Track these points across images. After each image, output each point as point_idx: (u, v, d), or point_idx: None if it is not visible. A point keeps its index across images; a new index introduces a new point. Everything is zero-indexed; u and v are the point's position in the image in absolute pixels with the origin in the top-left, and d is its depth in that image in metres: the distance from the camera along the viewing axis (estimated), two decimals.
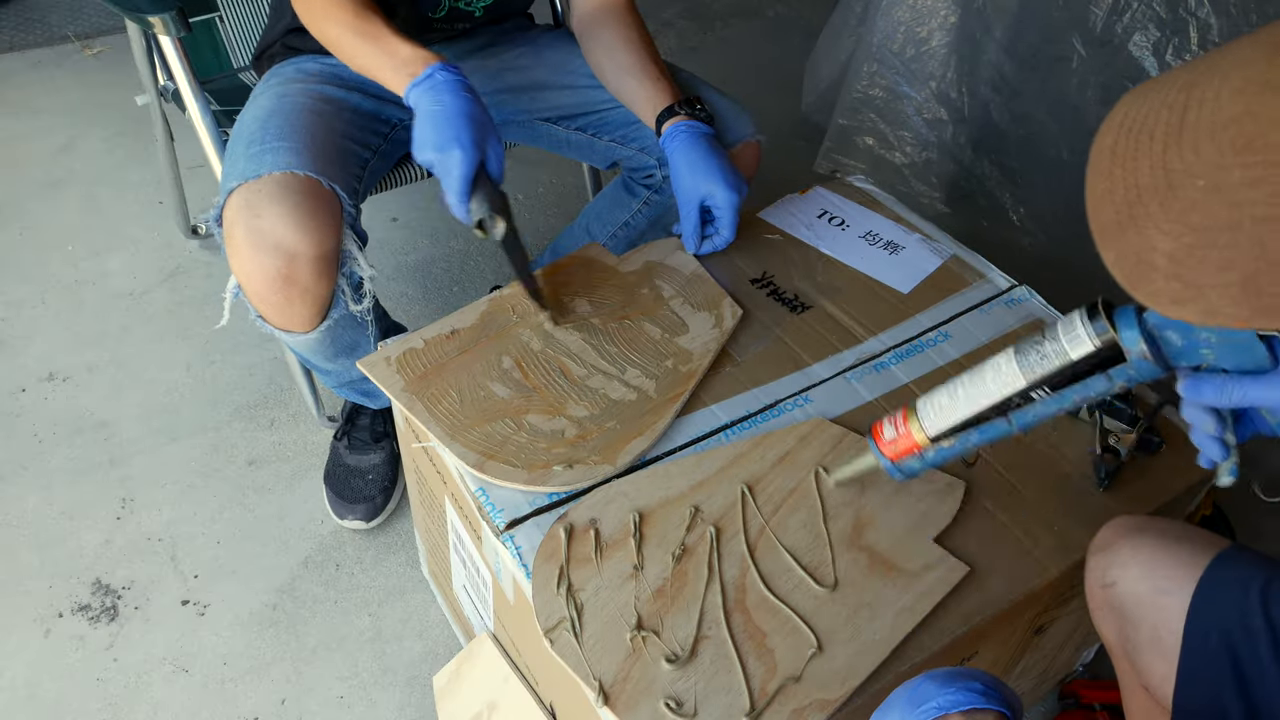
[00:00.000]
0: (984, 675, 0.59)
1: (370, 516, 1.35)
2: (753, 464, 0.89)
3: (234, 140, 1.08)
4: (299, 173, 0.99)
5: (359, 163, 1.14)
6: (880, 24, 1.83)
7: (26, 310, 1.66)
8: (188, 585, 1.29)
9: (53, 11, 2.41)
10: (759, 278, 1.11)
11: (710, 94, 1.22)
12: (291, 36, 1.23)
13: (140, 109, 1.50)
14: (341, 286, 1.05)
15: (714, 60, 2.41)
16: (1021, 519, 0.88)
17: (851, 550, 0.83)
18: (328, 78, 1.17)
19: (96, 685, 1.19)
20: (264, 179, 0.97)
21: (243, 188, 0.98)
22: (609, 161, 1.33)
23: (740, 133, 1.19)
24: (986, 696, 0.57)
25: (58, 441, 1.46)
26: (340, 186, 1.02)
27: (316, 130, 1.06)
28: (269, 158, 1.00)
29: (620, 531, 0.83)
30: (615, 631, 0.76)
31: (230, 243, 0.99)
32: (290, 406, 1.52)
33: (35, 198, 1.89)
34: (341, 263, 1.04)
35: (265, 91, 1.13)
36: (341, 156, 1.09)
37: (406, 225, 1.88)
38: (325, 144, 1.06)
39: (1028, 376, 0.70)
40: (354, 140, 1.13)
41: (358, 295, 1.08)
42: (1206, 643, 0.68)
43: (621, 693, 0.73)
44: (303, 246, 0.97)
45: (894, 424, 0.79)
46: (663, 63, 1.18)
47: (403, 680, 1.21)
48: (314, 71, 1.18)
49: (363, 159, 1.15)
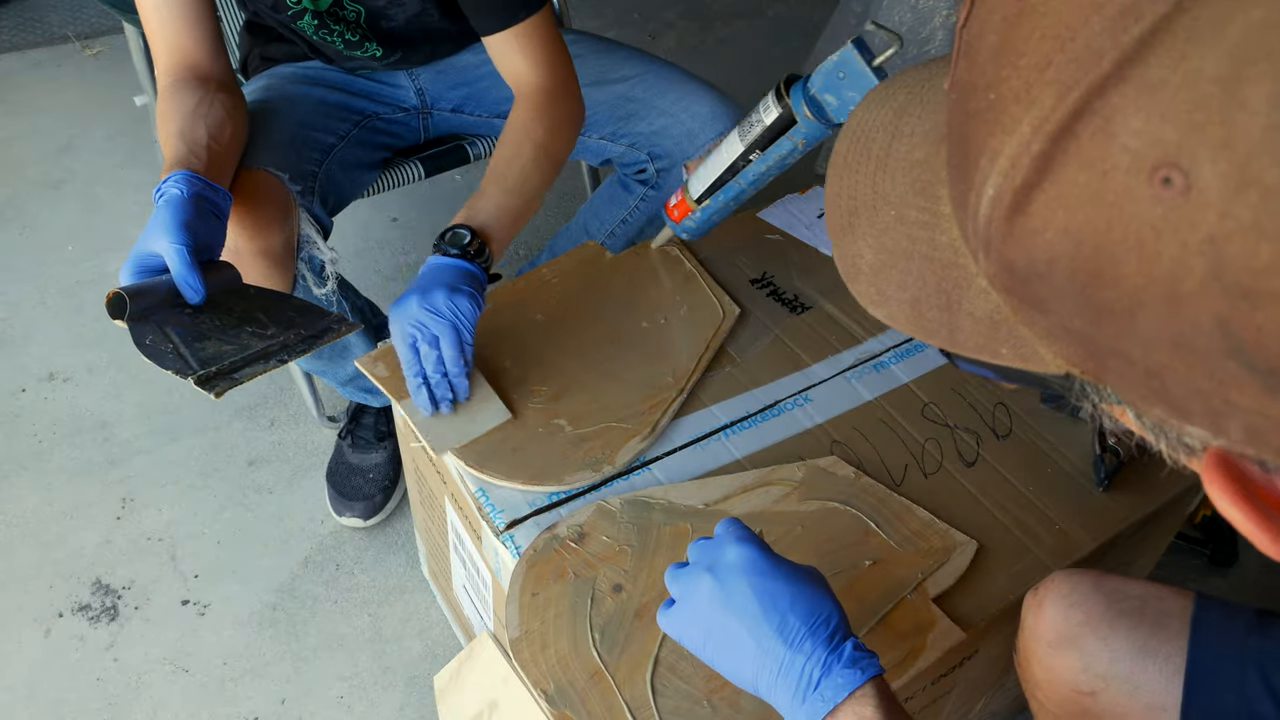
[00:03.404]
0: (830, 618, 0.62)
1: (369, 515, 1.35)
2: (756, 499, 0.87)
3: None
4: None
5: (320, 147, 1.14)
6: None
7: (26, 310, 1.66)
8: (188, 585, 1.29)
9: (53, 11, 2.41)
10: (759, 278, 1.11)
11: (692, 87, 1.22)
12: (268, 47, 1.24)
13: (140, 109, 1.50)
14: (301, 272, 1.05)
15: (714, 60, 2.41)
16: (1022, 519, 0.88)
17: (848, 601, 0.81)
18: (294, 79, 1.19)
19: (96, 685, 1.19)
20: None
21: None
22: (600, 159, 1.33)
23: (722, 125, 1.20)
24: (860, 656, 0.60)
25: (58, 441, 1.46)
26: (289, 173, 1.03)
27: (264, 123, 1.08)
28: None
29: (606, 550, 0.83)
30: (584, 649, 0.76)
31: None
32: (290, 406, 1.52)
33: (35, 198, 1.89)
34: (300, 248, 1.04)
35: None
36: (294, 144, 1.09)
37: (406, 225, 1.88)
38: (274, 134, 1.07)
39: (744, 141, 0.91)
40: (314, 128, 1.14)
41: (320, 279, 1.08)
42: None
43: (581, 713, 0.72)
44: (243, 243, 0.98)
45: (676, 194, 1.02)
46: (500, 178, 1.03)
47: (403, 680, 1.21)
48: (285, 74, 1.21)
49: (325, 144, 1.15)
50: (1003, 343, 0.34)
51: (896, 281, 0.37)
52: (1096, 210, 0.26)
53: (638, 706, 0.73)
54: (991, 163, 0.29)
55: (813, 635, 0.61)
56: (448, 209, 1.92)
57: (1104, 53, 0.25)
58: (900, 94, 0.40)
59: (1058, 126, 0.26)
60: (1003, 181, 0.28)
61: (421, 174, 1.31)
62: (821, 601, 0.63)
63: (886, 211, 0.37)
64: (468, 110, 1.31)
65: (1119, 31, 0.25)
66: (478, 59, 1.28)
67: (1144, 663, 0.69)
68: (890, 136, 0.38)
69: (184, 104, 0.97)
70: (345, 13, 1.13)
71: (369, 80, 1.25)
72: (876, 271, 0.38)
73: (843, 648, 0.61)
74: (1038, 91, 0.27)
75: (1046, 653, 0.73)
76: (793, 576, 0.64)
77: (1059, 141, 0.26)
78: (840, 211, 0.40)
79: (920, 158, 0.37)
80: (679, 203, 1.01)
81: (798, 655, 0.60)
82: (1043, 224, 0.28)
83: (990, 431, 0.95)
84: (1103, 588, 0.72)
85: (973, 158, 0.30)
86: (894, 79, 0.41)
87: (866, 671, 0.59)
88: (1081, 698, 0.71)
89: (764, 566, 0.64)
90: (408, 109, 1.28)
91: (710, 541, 0.68)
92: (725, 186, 0.95)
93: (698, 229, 1.02)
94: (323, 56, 1.21)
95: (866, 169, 0.39)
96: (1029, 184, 0.28)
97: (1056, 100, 0.26)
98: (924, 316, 0.36)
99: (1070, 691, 0.72)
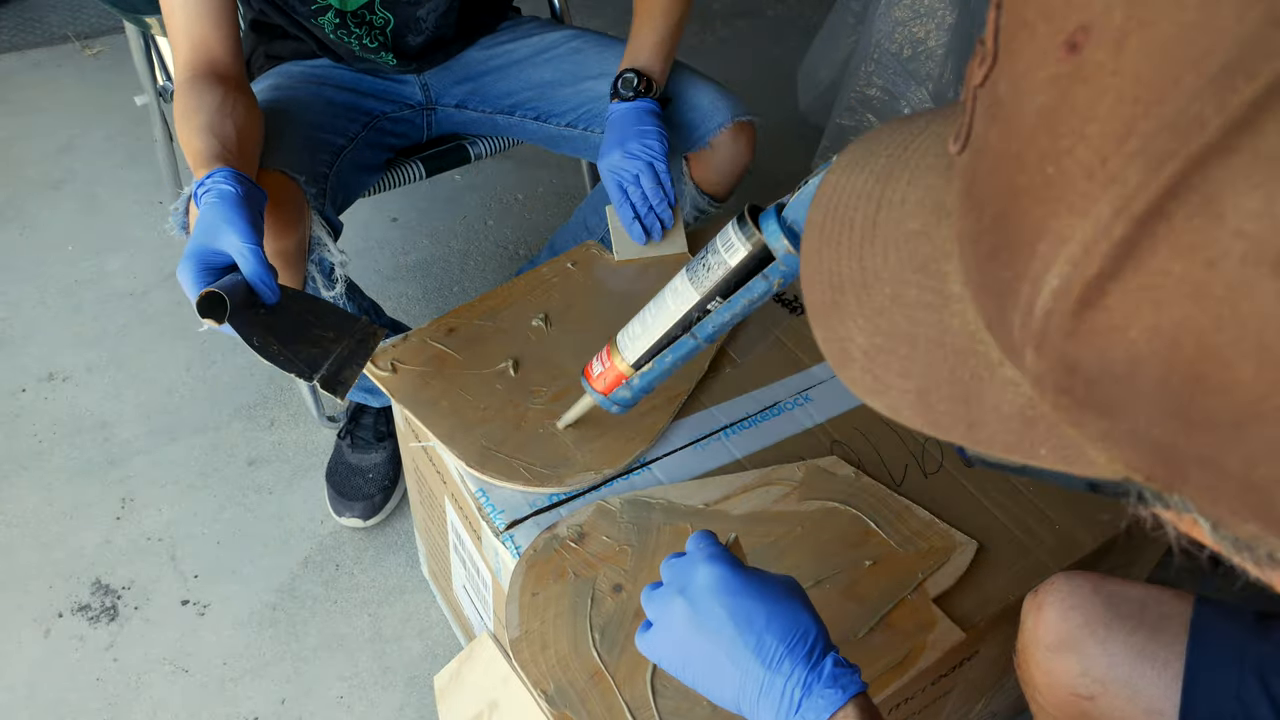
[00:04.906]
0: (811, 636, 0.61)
1: (369, 515, 1.35)
2: (756, 499, 0.87)
3: None
4: None
5: (331, 149, 1.14)
6: (878, 24, 1.83)
7: (26, 310, 1.66)
8: (188, 585, 1.30)
9: (53, 11, 2.41)
10: None
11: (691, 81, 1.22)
12: (273, 45, 1.24)
13: (140, 109, 1.50)
14: (312, 274, 1.06)
15: (714, 60, 2.41)
16: (1022, 519, 0.88)
17: (848, 602, 0.81)
18: (304, 79, 1.19)
19: (96, 685, 1.19)
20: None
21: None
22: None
23: (722, 118, 1.20)
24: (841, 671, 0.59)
25: (58, 441, 1.46)
26: (304, 175, 1.03)
27: (277, 125, 1.08)
28: None
29: (606, 550, 0.83)
30: (584, 649, 0.76)
31: None
32: (290, 406, 1.52)
33: (35, 198, 1.89)
34: (311, 250, 1.05)
35: None
36: (307, 146, 1.09)
37: (406, 225, 1.88)
38: (287, 136, 1.07)
39: (700, 290, 0.73)
40: (325, 130, 1.14)
41: (329, 281, 1.09)
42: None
43: (581, 713, 0.72)
44: None
45: (600, 360, 0.82)
46: (667, 23, 1.15)
47: (403, 680, 1.21)
48: (294, 74, 1.20)
49: (336, 146, 1.15)
50: (1041, 443, 0.29)
51: (897, 369, 0.33)
52: (1200, 307, 0.22)
53: (638, 707, 0.73)
54: (1056, 249, 0.25)
55: (791, 654, 0.59)
56: (448, 209, 1.92)
57: (1206, 119, 0.21)
58: (880, 157, 0.36)
59: (1146, 207, 0.23)
60: (1072, 271, 0.24)
61: (422, 174, 1.31)
62: (798, 616, 0.61)
63: (880, 290, 0.33)
64: (471, 106, 1.31)
65: (1226, 92, 0.21)
66: (482, 54, 1.28)
67: (1142, 667, 0.69)
68: (875, 206, 0.34)
69: (209, 100, 0.96)
70: (373, 18, 1.14)
71: (375, 78, 1.25)
72: (871, 357, 0.34)
73: (822, 665, 0.59)
74: (1118, 165, 0.23)
75: (1045, 656, 0.73)
76: (767, 593, 0.62)
77: (1146, 225, 0.23)
78: (820, 289, 0.35)
79: (916, 228, 0.33)
80: (608, 369, 0.80)
81: (777, 676, 0.59)
82: (1124, 320, 0.24)
83: None
84: (1102, 591, 0.72)
85: (1026, 241, 0.26)
86: (867, 139, 0.37)
87: (848, 690, 0.58)
88: (1080, 701, 0.71)
89: (736, 585, 0.62)
90: (413, 106, 1.29)
91: (681, 560, 0.66)
92: (675, 345, 0.76)
93: (633, 398, 0.82)
94: (332, 55, 1.21)
95: (850, 241, 0.35)
96: (1105, 274, 0.24)
97: (1145, 176, 0.22)
98: (934, 409, 0.32)
99: (1069, 695, 0.72)
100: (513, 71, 1.27)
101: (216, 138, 0.91)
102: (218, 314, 0.77)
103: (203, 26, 0.99)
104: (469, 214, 1.91)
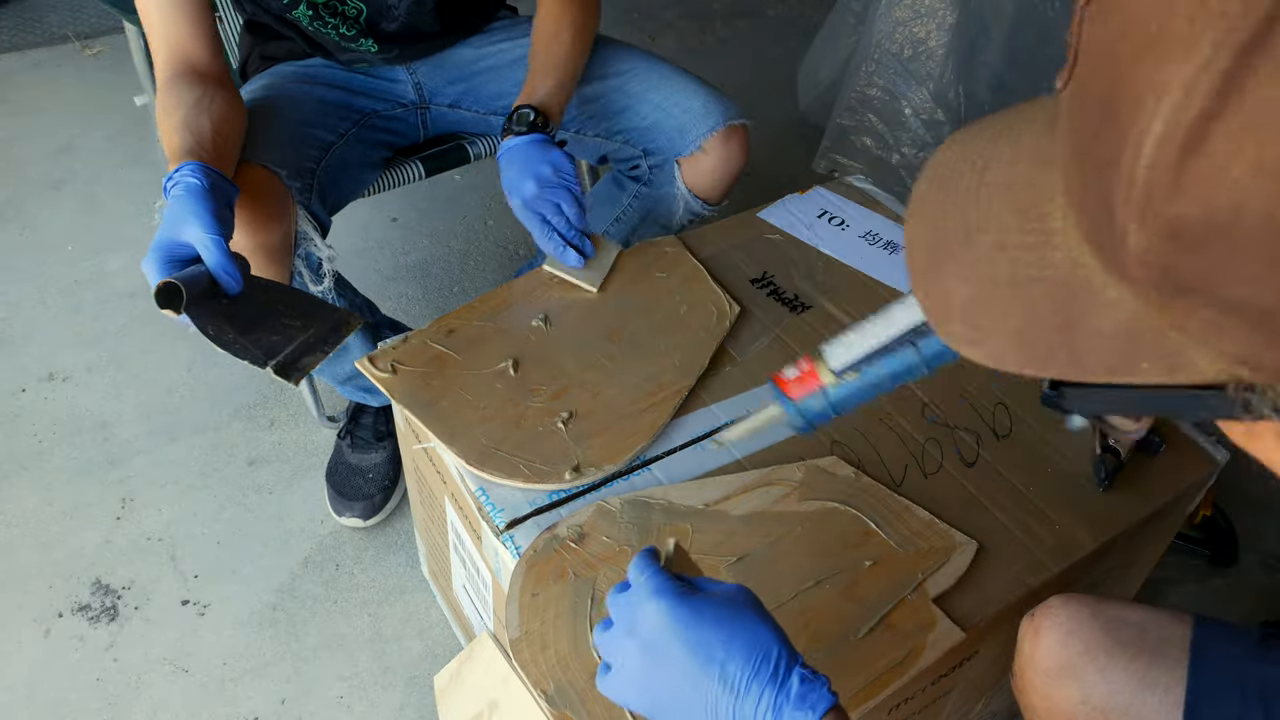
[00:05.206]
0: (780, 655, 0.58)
1: (368, 515, 1.35)
2: (756, 499, 0.87)
3: None
4: None
5: (319, 145, 1.14)
6: (879, 24, 1.83)
7: (26, 310, 1.66)
8: (188, 585, 1.29)
9: (53, 11, 2.41)
10: (759, 278, 1.11)
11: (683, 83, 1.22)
12: (268, 46, 1.24)
13: (140, 109, 1.51)
14: (299, 269, 1.06)
15: (714, 60, 2.41)
16: (1022, 519, 0.88)
17: (848, 602, 0.81)
18: (294, 78, 1.20)
19: (96, 685, 1.19)
20: None
21: None
22: (597, 156, 1.33)
23: (713, 121, 1.20)
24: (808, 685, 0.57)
25: (58, 441, 1.46)
26: (286, 169, 1.03)
27: (263, 120, 1.08)
28: None
29: (606, 550, 0.83)
30: (584, 649, 0.76)
31: None
32: (290, 406, 1.52)
33: (35, 198, 1.89)
34: (297, 244, 1.05)
35: None
36: (293, 141, 1.10)
37: (406, 225, 1.88)
38: (273, 131, 1.08)
39: None
40: (313, 126, 1.15)
41: (316, 276, 1.09)
42: None
43: (581, 713, 0.72)
44: (242, 238, 0.98)
45: (797, 365, 0.72)
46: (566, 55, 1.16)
47: (403, 680, 1.21)
48: (285, 73, 1.21)
49: (324, 142, 1.16)
50: (1144, 355, 0.30)
51: (998, 312, 0.34)
52: None
53: None
54: (1159, 100, 0.25)
55: (757, 677, 0.57)
56: (448, 209, 1.92)
57: None
58: (987, 130, 0.37)
59: (1248, 37, 0.22)
60: (1174, 115, 0.24)
61: (422, 174, 1.31)
62: (756, 634, 0.59)
63: (982, 240, 0.35)
64: (465, 105, 1.31)
65: None
66: (475, 54, 1.28)
67: (1144, 695, 0.68)
68: (983, 165, 0.36)
69: (185, 97, 0.97)
70: (345, 8, 1.14)
71: (368, 76, 1.25)
72: (971, 306, 0.35)
73: (789, 683, 0.57)
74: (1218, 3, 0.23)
75: (1044, 682, 0.72)
76: (721, 617, 0.59)
77: (1247, 56, 0.22)
78: (923, 251, 0.37)
79: (1021, 178, 0.34)
80: (805, 373, 0.69)
81: (745, 702, 0.57)
82: (1226, 160, 0.24)
83: (990, 431, 0.95)
84: (1101, 616, 0.71)
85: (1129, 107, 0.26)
86: (973, 125, 0.39)
87: (818, 708, 0.56)
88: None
89: (686, 617, 0.59)
90: (406, 104, 1.29)
91: (626, 596, 0.62)
92: (892, 356, 0.66)
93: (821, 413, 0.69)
94: (321, 50, 1.22)
95: (954, 202, 0.36)
96: (1207, 113, 0.23)
97: (1244, 6, 0.22)
98: (1034, 345, 0.33)
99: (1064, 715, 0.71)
100: (506, 72, 1.27)
101: (191, 133, 0.92)
102: (175, 304, 0.78)
103: (179, 27, 1.01)
104: (469, 214, 1.91)
